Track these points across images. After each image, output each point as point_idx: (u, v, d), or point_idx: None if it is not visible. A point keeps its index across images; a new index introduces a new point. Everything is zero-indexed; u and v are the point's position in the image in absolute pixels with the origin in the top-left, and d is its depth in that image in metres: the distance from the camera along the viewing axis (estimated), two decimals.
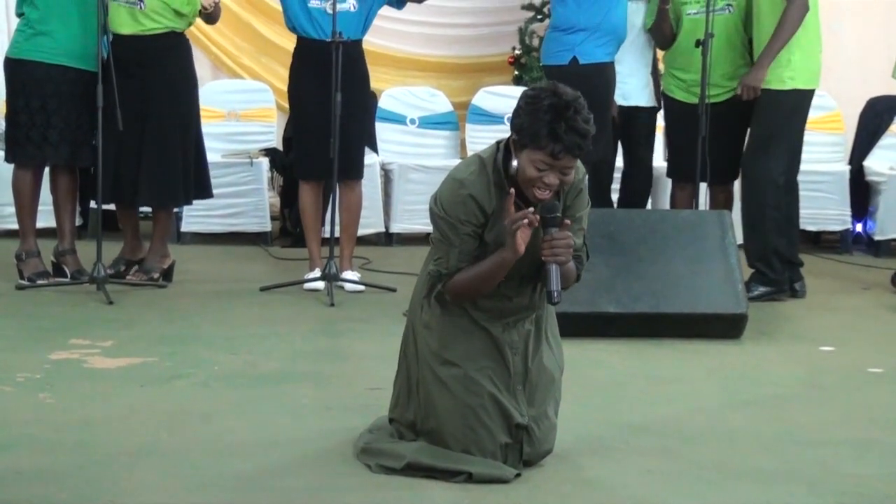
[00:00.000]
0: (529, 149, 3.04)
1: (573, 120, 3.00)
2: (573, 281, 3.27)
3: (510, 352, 3.23)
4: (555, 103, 3.01)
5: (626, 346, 4.94)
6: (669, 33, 6.32)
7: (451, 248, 3.14)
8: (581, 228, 3.26)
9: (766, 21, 5.94)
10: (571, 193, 3.23)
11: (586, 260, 3.31)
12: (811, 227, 7.73)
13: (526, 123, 3.03)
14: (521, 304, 3.24)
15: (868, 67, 8.44)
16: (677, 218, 5.48)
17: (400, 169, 7.67)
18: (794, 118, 5.99)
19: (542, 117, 3.00)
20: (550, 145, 3.00)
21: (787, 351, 5.03)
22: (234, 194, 7.47)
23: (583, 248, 3.29)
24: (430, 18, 8.65)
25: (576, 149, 3.01)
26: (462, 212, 3.11)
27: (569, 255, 3.08)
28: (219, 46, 8.56)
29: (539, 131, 3.00)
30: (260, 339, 4.91)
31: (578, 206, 3.24)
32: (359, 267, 6.44)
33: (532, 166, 3.04)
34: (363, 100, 6.25)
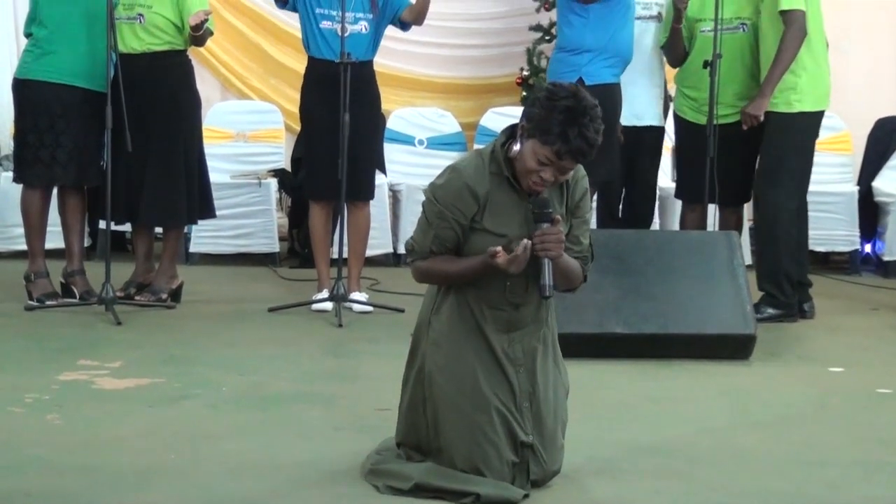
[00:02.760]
0: (536, 140, 3.08)
1: (586, 127, 3.03)
2: (579, 282, 3.29)
3: (515, 368, 3.23)
4: (572, 106, 3.04)
5: (635, 366, 4.93)
6: (682, 52, 6.32)
7: (429, 230, 3.19)
8: (587, 229, 3.30)
9: (768, 43, 5.94)
10: (577, 192, 3.25)
11: (592, 261, 3.33)
12: (820, 248, 7.73)
13: (539, 116, 3.07)
14: (529, 315, 3.25)
15: (877, 88, 8.46)
16: (685, 239, 5.48)
17: (408, 190, 7.69)
18: (803, 141, 5.98)
19: (556, 116, 3.04)
20: (558, 144, 3.04)
21: (796, 372, 5.03)
22: (243, 215, 7.49)
23: (589, 250, 3.31)
24: (439, 39, 8.69)
25: (580, 155, 3.06)
26: (452, 198, 3.15)
27: (559, 250, 3.11)
28: (227, 67, 8.60)
29: (550, 128, 3.04)
30: (268, 360, 4.92)
31: (585, 206, 3.27)
32: (367, 288, 6.45)
33: (534, 158, 3.09)
34: (374, 121, 6.28)
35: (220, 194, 6.60)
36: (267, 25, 8.64)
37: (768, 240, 5.99)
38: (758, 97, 5.92)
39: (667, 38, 6.33)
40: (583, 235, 3.27)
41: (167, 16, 5.94)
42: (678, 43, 6.29)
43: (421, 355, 3.29)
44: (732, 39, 6.08)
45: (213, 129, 7.67)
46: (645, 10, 6.39)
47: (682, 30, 6.25)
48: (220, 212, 6.54)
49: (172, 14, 5.93)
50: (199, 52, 6.35)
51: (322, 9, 6.01)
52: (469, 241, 3.19)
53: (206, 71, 8.29)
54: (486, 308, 3.22)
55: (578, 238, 3.28)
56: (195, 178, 6.07)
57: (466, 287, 3.22)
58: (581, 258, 3.27)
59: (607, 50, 5.99)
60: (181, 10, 5.91)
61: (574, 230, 3.27)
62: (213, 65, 8.52)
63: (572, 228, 3.27)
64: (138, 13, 5.93)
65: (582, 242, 3.28)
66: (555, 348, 3.36)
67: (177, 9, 5.93)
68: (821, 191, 7.39)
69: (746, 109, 5.92)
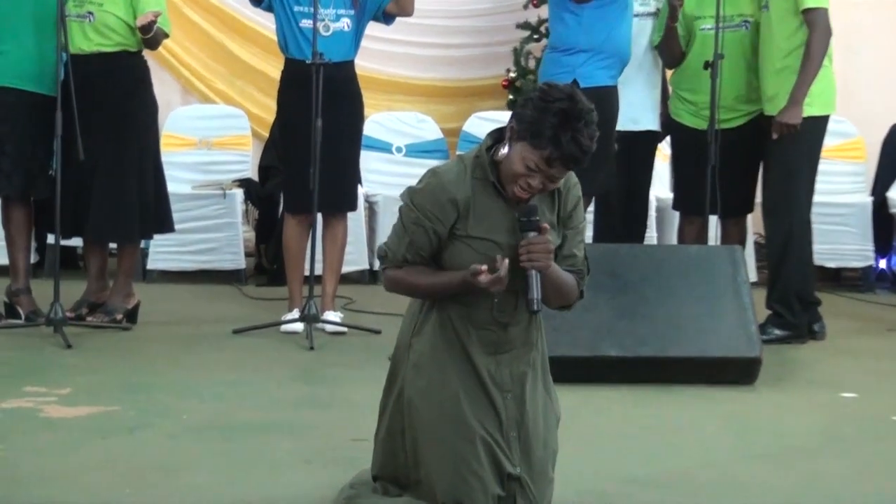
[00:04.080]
0: (525, 144, 3.07)
1: (580, 132, 3.03)
2: (575, 297, 3.29)
3: (502, 394, 3.23)
4: (567, 108, 3.04)
5: (631, 392, 4.94)
6: (678, 52, 6.34)
7: (404, 236, 3.19)
8: (582, 240, 3.30)
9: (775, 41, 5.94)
10: (570, 201, 3.25)
11: (588, 274, 3.33)
12: (831, 264, 7.76)
13: (531, 118, 3.07)
14: (517, 336, 3.25)
15: (891, 90, 8.50)
16: (685, 254, 5.49)
17: (385, 201, 7.69)
18: (812, 148, 6.02)
19: (549, 118, 3.04)
20: (549, 149, 3.04)
21: (805, 398, 5.04)
22: (206, 229, 7.48)
23: (584, 263, 3.31)
24: (418, 38, 8.70)
25: (572, 162, 3.06)
26: (430, 204, 3.15)
27: (548, 261, 3.11)
28: (189, 68, 8.59)
29: (542, 131, 3.04)
30: (232, 386, 4.91)
31: (579, 216, 3.28)
32: (341, 307, 6.44)
33: (522, 162, 3.09)
34: (357, 125, 6.31)
35: (181, 206, 6.59)
36: (232, 23, 8.64)
37: (782, 256, 6.00)
38: (791, 104, 5.88)
39: (661, 37, 6.35)
40: (576, 247, 3.28)
41: (119, 14, 5.92)
42: (674, 42, 6.31)
43: (400, 380, 3.28)
44: (734, 38, 6.10)
45: (173, 136, 7.67)
46: (642, 6, 6.40)
47: (677, 28, 6.27)
48: (181, 225, 6.54)
49: (125, 13, 5.92)
50: (158, 53, 6.34)
51: (301, 6, 6.02)
52: (452, 250, 3.19)
53: (165, 73, 8.28)
54: (471, 328, 3.22)
55: (572, 250, 3.28)
56: (150, 190, 6.06)
57: (451, 305, 3.21)
58: (575, 272, 3.27)
59: (604, 50, 6.01)
60: (135, 9, 5.90)
61: (567, 242, 3.27)
62: (173, 66, 8.51)
63: (565, 240, 3.27)
64: (88, 11, 5.91)
65: (576, 255, 3.28)
66: (545, 373, 3.36)
67: (130, 7, 5.91)
68: (831, 202, 7.43)
69: (781, 119, 5.88)
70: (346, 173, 6.15)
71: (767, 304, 6.04)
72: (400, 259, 3.21)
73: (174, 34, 6.40)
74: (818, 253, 6.32)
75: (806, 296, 6.08)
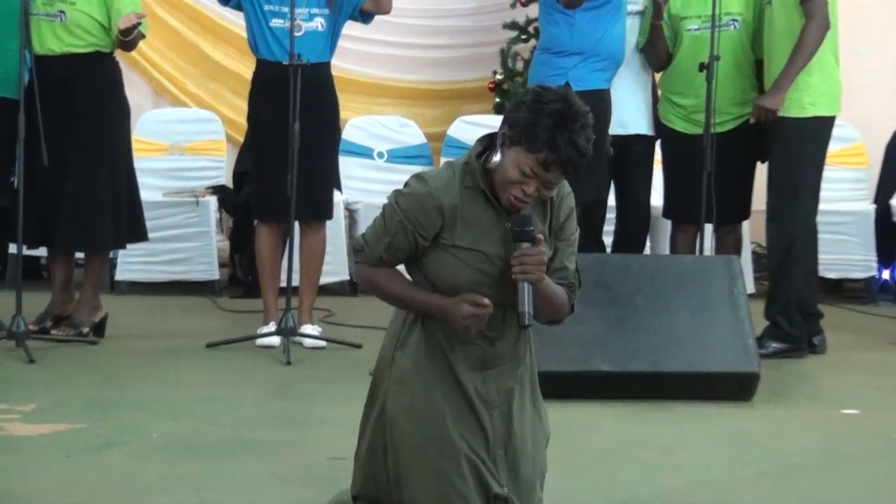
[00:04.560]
0: (520, 149, 3.07)
1: (577, 133, 3.03)
2: (565, 311, 3.29)
3: (488, 411, 3.23)
4: (562, 110, 3.05)
5: (623, 409, 4.94)
6: (665, 53, 6.35)
7: (384, 236, 3.20)
8: (574, 252, 3.30)
9: (780, 41, 5.95)
10: (562, 211, 3.25)
11: (579, 288, 3.34)
12: (832, 275, 7.78)
13: (525, 121, 3.06)
14: (505, 351, 3.25)
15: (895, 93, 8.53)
16: (679, 264, 5.50)
17: (366, 209, 7.69)
18: (817, 150, 6.03)
19: (544, 120, 3.04)
20: (545, 152, 3.03)
21: (805, 415, 5.05)
22: (178, 238, 7.47)
23: (576, 276, 3.32)
24: (401, 39, 8.71)
25: (569, 165, 3.05)
26: (415, 209, 3.15)
27: (541, 273, 3.11)
28: (160, 70, 8.59)
29: (537, 134, 3.04)
30: (205, 402, 4.90)
31: (571, 226, 3.28)
32: (320, 320, 6.44)
33: (516, 169, 3.08)
34: (333, 130, 6.31)
35: (151, 214, 6.57)
36: (206, 22, 8.64)
37: (785, 264, 6.01)
38: (774, 90, 5.91)
39: (646, 38, 6.36)
40: (568, 260, 3.27)
41: (92, 14, 5.91)
42: (660, 43, 6.32)
43: (382, 396, 3.28)
44: (724, 38, 6.10)
45: (143, 141, 7.66)
46: (632, 4, 6.41)
47: (662, 27, 6.28)
48: (151, 234, 6.51)
49: (98, 12, 5.91)
50: (126, 54, 6.33)
51: (272, 5, 6.02)
52: (438, 259, 3.18)
53: (135, 74, 8.27)
54: (457, 343, 3.22)
55: (563, 263, 3.28)
56: (123, 197, 6.05)
57: (436, 319, 3.21)
58: (567, 285, 3.27)
59: (598, 52, 6.02)
60: (109, 9, 5.90)
61: (559, 254, 3.27)
62: (143, 67, 8.50)
63: (557, 252, 3.27)
64: (59, 10, 5.90)
65: (567, 268, 3.28)
66: (534, 389, 3.36)
67: (104, 7, 5.90)
68: (833, 209, 7.44)
69: (761, 102, 5.92)
70: (320, 180, 6.14)
71: (766, 313, 6.05)
72: (376, 258, 3.23)
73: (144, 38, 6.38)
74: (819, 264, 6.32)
75: (808, 306, 6.09)
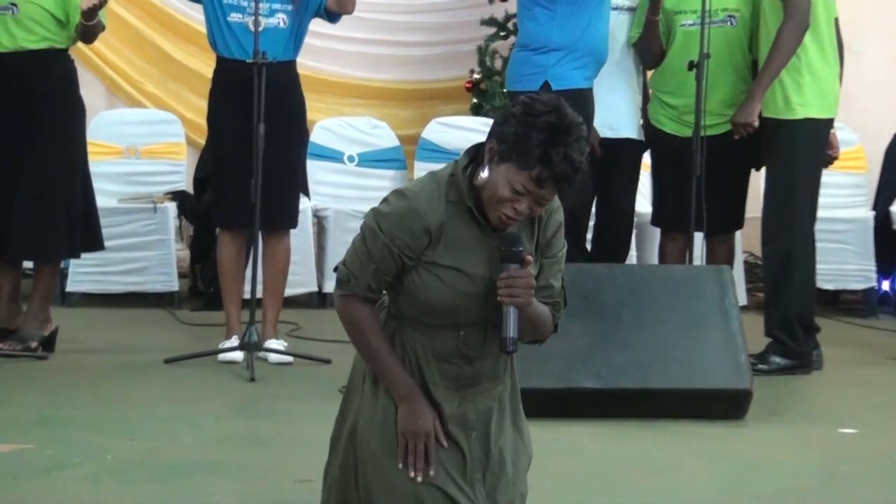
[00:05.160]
0: (511, 165, 3.04)
1: (571, 147, 3.01)
2: (549, 331, 3.27)
3: (465, 432, 3.23)
4: (555, 122, 3.02)
5: (608, 428, 4.95)
6: (658, 50, 6.36)
7: (369, 263, 3.14)
8: (560, 269, 3.28)
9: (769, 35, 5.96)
10: (550, 227, 3.24)
11: (564, 307, 3.33)
12: (829, 286, 7.81)
13: (515, 135, 3.03)
14: (484, 371, 3.25)
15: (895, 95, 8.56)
16: (668, 275, 5.52)
17: (336, 216, 7.69)
18: (812, 155, 6.05)
19: (536, 135, 3.01)
20: (538, 169, 3.01)
21: (801, 434, 5.06)
22: (134, 247, 7.46)
23: (562, 294, 3.31)
24: (373, 36, 8.72)
25: (564, 181, 3.03)
26: (399, 230, 3.11)
27: (529, 297, 3.09)
28: (115, 68, 8.57)
29: (529, 150, 3.01)
30: (163, 421, 4.89)
31: (559, 243, 3.26)
32: (285, 334, 6.43)
33: (507, 186, 3.05)
34: (298, 132, 6.31)
35: (107, 221, 6.55)
36: (164, 18, 8.63)
37: (783, 276, 6.03)
38: (747, 100, 5.98)
39: (640, 33, 6.37)
40: (554, 278, 3.25)
41: (47, 7, 5.89)
42: (654, 39, 6.32)
43: (353, 414, 3.27)
44: (719, 35, 6.13)
45: (97, 144, 7.63)
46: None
47: (658, 23, 6.29)
48: (106, 243, 6.49)
49: (53, 6, 5.89)
50: (79, 51, 6.32)
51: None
52: (416, 277, 3.17)
53: (88, 73, 8.25)
54: (433, 360, 3.21)
55: (549, 281, 3.27)
56: (78, 203, 6.03)
57: (412, 333, 3.20)
58: (551, 304, 3.26)
59: (578, 49, 6.02)
60: (65, 1, 5.88)
61: (544, 271, 3.25)
62: (96, 65, 8.49)
63: (542, 270, 3.25)
64: (10, 3, 5.88)
65: (553, 286, 3.25)
66: (515, 408, 3.35)
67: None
68: (829, 217, 7.46)
69: (736, 119, 5.98)
70: (286, 187, 6.13)
71: (767, 330, 6.07)
72: (364, 287, 3.17)
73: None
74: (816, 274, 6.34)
75: (808, 321, 6.11)
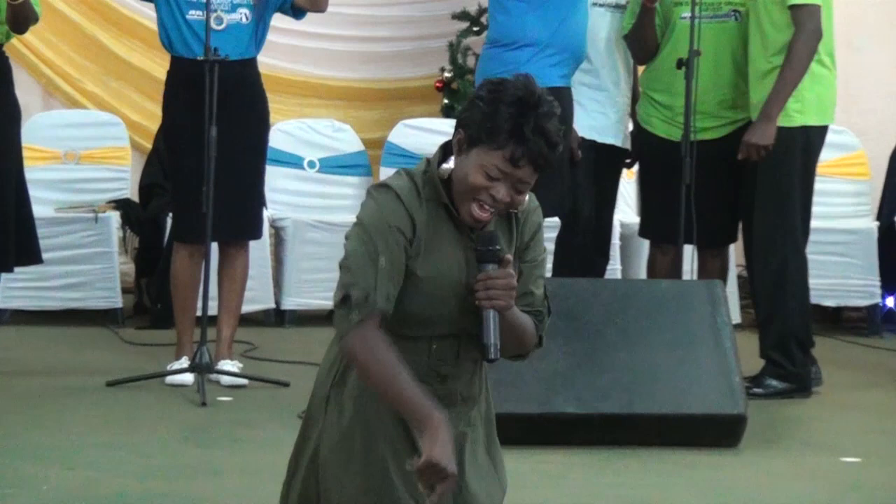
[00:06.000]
0: (482, 148, 3.04)
1: (544, 119, 3.03)
2: (532, 345, 3.27)
3: None
4: (524, 96, 3.04)
5: (591, 456, 4.95)
6: (653, 43, 6.32)
7: (374, 263, 3.04)
8: (541, 276, 3.28)
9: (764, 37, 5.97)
10: (528, 228, 3.24)
11: (548, 317, 3.33)
12: (829, 302, 7.83)
13: (482, 115, 3.04)
14: (457, 391, 3.25)
15: None
16: (655, 290, 5.53)
17: (295, 226, 7.69)
18: (806, 163, 6.08)
19: (504, 109, 3.03)
20: (511, 146, 3.01)
21: (799, 463, 5.08)
22: (73, 259, 7.43)
23: (544, 303, 3.31)
24: (335, 31, 8.71)
25: (540, 158, 3.04)
26: (391, 213, 3.08)
27: (509, 300, 3.09)
28: (52, 66, 8.53)
29: (499, 125, 3.02)
30: (106, 449, 4.87)
31: (538, 247, 3.26)
32: (240, 354, 6.43)
33: (481, 171, 3.04)
34: (260, 135, 6.32)
35: (43, 232, 6.53)
36: (106, 12, 8.59)
37: (776, 293, 6.05)
38: (762, 120, 5.94)
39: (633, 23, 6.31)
40: (535, 284, 3.24)
41: None
42: (649, 29, 6.27)
43: (315, 440, 3.27)
44: (720, 30, 6.12)
45: (33, 148, 7.59)
46: None
47: (655, 11, 6.24)
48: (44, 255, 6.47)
49: None
50: (12, 47, 6.28)
51: None
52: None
53: (22, 71, 8.19)
54: None
55: (529, 287, 3.27)
56: (11, 212, 6.01)
57: None
58: (533, 313, 3.27)
59: (553, 44, 6.03)
60: None
61: (524, 278, 3.26)
62: (31, 63, 8.44)
63: (521, 275, 3.26)
64: None
65: (534, 293, 3.25)
66: (489, 435, 3.36)
67: None
68: (829, 227, 7.49)
69: (751, 139, 5.94)
70: (248, 194, 6.14)
71: (762, 351, 6.08)
72: (384, 299, 3.03)
73: (33, 25, 6.34)
74: (814, 289, 6.35)
75: (806, 340, 6.12)
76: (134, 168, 8.00)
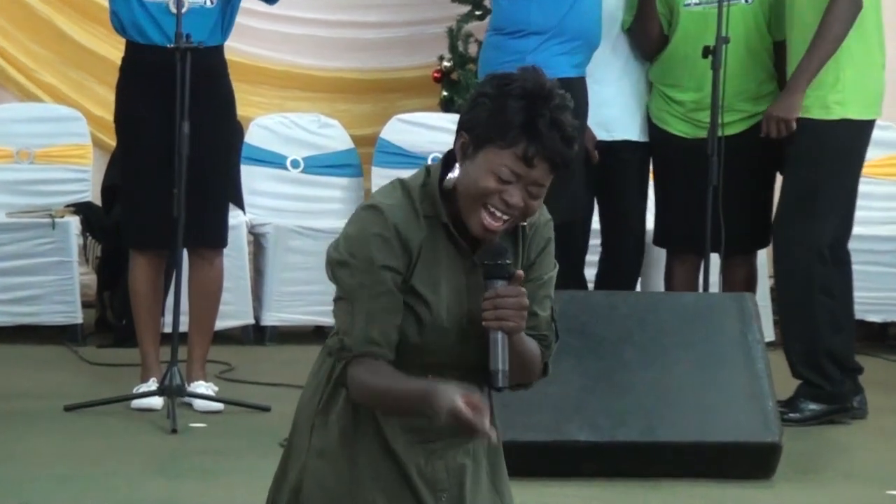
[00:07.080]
0: (490, 149, 3.02)
1: (558, 111, 3.02)
2: (538, 373, 3.26)
3: (434, 495, 3.23)
4: (533, 89, 3.03)
5: (607, 489, 4.96)
6: (657, 35, 6.35)
7: (356, 307, 3.11)
8: (548, 296, 3.27)
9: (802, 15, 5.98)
10: (536, 243, 3.23)
11: (555, 342, 3.32)
12: (873, 317, 7.84)
13: (489, 111, 3.03)
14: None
15: None
16: (678, 304, 5.53)
17: (277, 233, 7.68)
18: (845, 161, 6.08)
19: (513, 103, 3.01)
20: (523, 142, 2.99)
21: (840, 496, 5.08)
22: (27, 270, 7.43)
23: (551, 327, 3.30)
24: (323, 16, 8.72)
25: (556, 155, 3.02)
26: (376, 248, 3.08)
27: (520, 321, 3.07)
28: (4, 55, 8.55)
29: (509, 120, 3.00)
30: (64, 481, 4.88)
31: (546, 263, 3.25)
32: (215, 376, 6.43)
33: (491, 174, 3.02)
34: (229, 132, 6.31)
35: None
36: None
37: (801, 304, 6.05)
38: (786, 94, 5.99)
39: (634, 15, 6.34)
40: (540, 305, 3.23)
41: None
42: (651, 19, 6.31)
43: (298, 471, 3.27)
44: (733, 14, 6.11)
45: None
46: None
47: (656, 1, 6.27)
48: None
49: None
50: None
51: None
52: None
53: None
54: None
55: (533, 308, 3.25)
56: None
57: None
58: (538, 337, 3.25)
59: (564, 31, 6.05)
60: None
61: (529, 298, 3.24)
62: None
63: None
64: None
65: (539, 315, 3.24)
66: (494, 465, 3.36)
67: None
68: (871, 234, 7.51)
69: (773, 112, 5.98)
70: (214, 199, 6.12)
71: (793, 371, 6.08)
72: (364, 343, 3.09)
73: None
74: (857, 303, 6.36)
75: (843, 358, 6.11)
76: (96, 168, 8.01)
